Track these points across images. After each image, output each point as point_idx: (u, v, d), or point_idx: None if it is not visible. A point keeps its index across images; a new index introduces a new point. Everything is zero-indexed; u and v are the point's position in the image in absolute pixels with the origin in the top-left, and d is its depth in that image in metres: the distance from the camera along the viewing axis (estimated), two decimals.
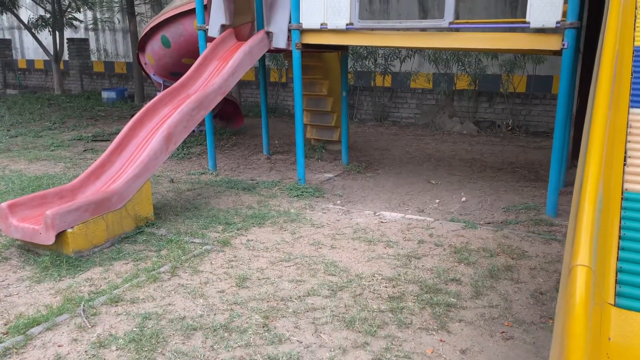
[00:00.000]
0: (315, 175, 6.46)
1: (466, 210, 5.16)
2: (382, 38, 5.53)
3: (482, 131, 9.59)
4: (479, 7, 10.28)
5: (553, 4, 4.51)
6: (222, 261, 3.88)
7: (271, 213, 4.95)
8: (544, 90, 9.40)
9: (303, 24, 5.55)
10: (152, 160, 4.56)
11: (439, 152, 7.90)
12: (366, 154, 7.74)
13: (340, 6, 5.33)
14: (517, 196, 5.55)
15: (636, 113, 2.81)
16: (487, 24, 6.24)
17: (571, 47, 4.53)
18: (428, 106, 10.40)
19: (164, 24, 7.67)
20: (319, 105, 7.38)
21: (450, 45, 5.38)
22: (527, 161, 7.24)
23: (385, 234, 4.44)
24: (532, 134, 9.27)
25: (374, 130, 9.82)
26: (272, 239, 4.30)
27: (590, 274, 1.85)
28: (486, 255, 3.92)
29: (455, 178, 6.38)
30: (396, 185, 6.09)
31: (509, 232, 4.44)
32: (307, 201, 5.39)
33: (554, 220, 4.70)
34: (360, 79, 10.95)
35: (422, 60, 10.63)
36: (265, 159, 7.28)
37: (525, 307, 3.15)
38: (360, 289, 3.39)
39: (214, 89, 5.18)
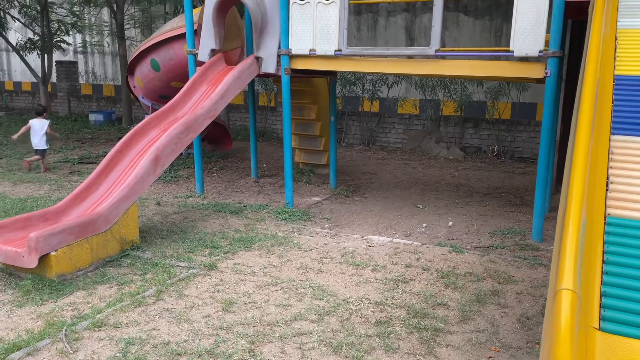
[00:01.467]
0: (303, 199, 6.47)
1: (453, 234, 5.18)
2: (369, 64, 5.62)
3: (469, 156, 9.71)
4: (464, 36, 10.54)
5: (536, 33, 4.64)
6: (208, 285, 3.84)
7: (258, 236, 4.93)
8: (528, 117, 9.58)
9: (292, 50, 5.64)
10: (138, 182, 4.54)
11: (426, 176, 7.97)
12: (354, 178, 7.77)
13: (329, 33, 5.43)
14: (503, 221, 5.60)
15: (617, 140, 2.88)
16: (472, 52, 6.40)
17: (554, 75, 4.65)
18: (415, 131, 10.53)
19: (154, 48, 7.73)
20: (308, 129, 7.44)
21: (437, 72, 5.49)
22: (513, 186, 7.33)
23: (373, 258, 4.43)
24: (517, 160, 9.41)
25: (361, 155, 9.89)
26: (259, 263, 4.27)
27: (575, 298, 1.87)
28: (473, 280, 3.93)
29: (442, 203, 6.43)
30: (384, 209, 6.11)
31: (495, 256, 4.46)
32: (294, 225, 5.38)
33: (539, 245, 4.74)
34: (349, 104, 11.08)
35: (409, 87, 10.81)
36: (253, 182, 7.28)
37: (512, 331, 3.15)
38: (347, 314, 3.37)
39: (203, 112, 5.21)
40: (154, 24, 14.07)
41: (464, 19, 10.56)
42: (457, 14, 10.59)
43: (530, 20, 4.63)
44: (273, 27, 5.71)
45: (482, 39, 10.41)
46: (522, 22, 4.66)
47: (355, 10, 11.50)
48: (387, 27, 11.40)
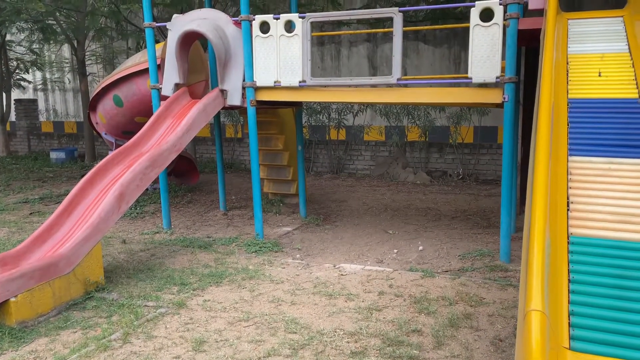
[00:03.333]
0: (274, 230, 6.41)
1: (424, 259, 5.21)
2: (334, 94, 5.71)
3: (435, 181, 9.88)
4: (425, 64, 10.86)
5: (492, 61, 4.82)
6: (177, 324, 3.72)
7: (229, 271, 4.83)
8: (490, 140, 9.86)
9: (257, 82, 5.67)
10: (103, 221, 4.41)
11: (394, 202, 8.04)
12: (324, 206, 7.77)
13: (293, 64, 5.50)
14: (472, 243, 5.68)
15: (575, 160, 2.98)
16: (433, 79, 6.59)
17: (511, 99, 4.82)
18: (382, 158, 10.67)
19: (117, 84, 7.65)
20: (275, 159, 7.44)
21: (400, 99, 5.62)
22: (479, 208, 7.47)
23: (346, 286, 4.40)
24: (482, 182, 9.62)
25: (330, 183, 9.92)
26: (230, 298, 4.18)
27: (544, 318, 1.89)
28: (445, 304, 3.94)
29: (412, 227, 6.48)
30: (355, 236, 6.11)
31: (466, 279, 4.50)
32: (265, 257, 5.31)
33: (508, 266, 4.81)
34: (316, 133, 11.17)
35: (374, 114, 11.00)
36: (222, 215, 7.18)
37: (486, 355, 3.15)
38: (322, 346, 3.31)
39: (168, 146, 5.15)
40: (116, 60, 13.97)
41: (424, 48, 10.90)
42: (417, 43, 10.93)
43: (486, 48, 4.82)
44: (237, 60, 5.75)
45: (442, 67, 10.75)
46: (478, 50, 4.84)
47: (319, 41, 11.73)
48: (350, 57, 11.65)
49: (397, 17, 5.01)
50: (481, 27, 4.82)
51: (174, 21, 5.93)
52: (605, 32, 4.09)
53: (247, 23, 5.57)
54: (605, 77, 3.60)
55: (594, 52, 3.88)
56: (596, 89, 3.49)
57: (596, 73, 3.67)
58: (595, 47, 3.93)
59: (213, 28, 5.68)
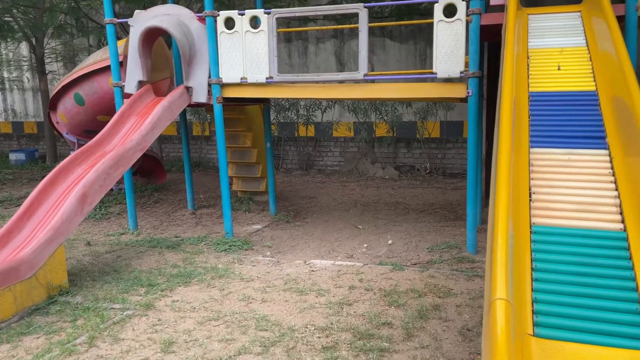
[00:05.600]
0: (243, 228, 6.36)
1: (393, 252, 5.26)
2: (301, 90, 5.69)
3: (403, 175, 9.99)
4: (391, 60, 10.93)
5: (456, 56, 4.90)
6: (145, 326, 3.65)
7: (198, 270, 4.77)
8: (456, 134, 10.03)
9: (223, 79, 5.60)
10: (65, 223, 4.28)
11: (364, 197, 8.09)
12: (294, 203, 7.76)
13: (259, 61, 5.46)
14: (440, 236, 5.77)
15: (536, 152, 3.06)
16: (399, 75, 6.64)
17: (475, 94, 4.91)
18: (351, 154, 10.72)
19: (77, 82, 7.43)
20: (244, 157, 7.38)
21: (367, 95, 5.65)
22: (446, 202, 7.59)
23: (317, 282, 4.40)
24: (448, 176, 9.78)
25: (300, 179, 9.91)
26: (200, 298, 4.12)
27: (509, 306, 1.93)
28: (415, 296, 3.99)
29: (381, 222, 6.54)
30: (325, 232, 6.12)
31: (434, 271, 4.57)
32: (235, 255, 5.26)
33: (474, 257, 4.91)
34: (284, 130, 11.13)
35: (342, 110, 11.02)
36: (190, 214, 7.08)
37: (455, 344, 3.21)
38: (293, 342, 3.31)
39: (133, 145, 5.04)
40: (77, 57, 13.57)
41: (390, 44, 10.97)
42: (384, 39, 11.00)
43: (450, 43, 4.89)
44: (202, 57, 5.66)
45: (409, 63, 10.85)
46: (442, 45, 4.91)
47: (286, 38, 11.67)
48: (318, 53, 11.63)
49: (363, 12, 5.02)
50: (445, 23, 4.89)
51: (136, 17, 5.80)
52: (563, 27, 4.21)
53: (212, 19, 5.49)
54: (564, 70, 3.70)
55: (554, 46, 3.98)
56: (556, 83, 3.59)
57: (556, 67, 3.77)
58: (555, 42, 4.03)
59: (177, 24, 5.57)
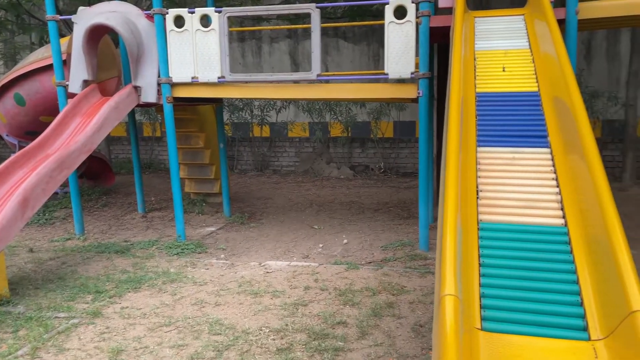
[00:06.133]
0: (197, 230, 6.23)
1: (348, 252, 5.29)
2: (255, 90, 5.64)
3: (358, 175, 10.09)
4: (345, 61, 11.01)
5: (406, 57, 4.98)
6: (92, 335, 3.51)
7: (148, 275, 4.63)
8: (408, 134, 10.21)
9: (173, 78, 5.47)
10: (4, 229, 4.06)
11: (319, 197, 8.11)
12: (249, 204, 7.68)
13: (211, 60, 5.36)
14: (394, 234, 5.85)
15: (483, 151, 3.15)
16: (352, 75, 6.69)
17: (425, 95, 5.01)
18: (306, 154, 10.72)
19: (17, 81, 7.07)
20: (196, 158, 7.23)
21: (320, 95, 5.65)
22: (400, 200, 7.71)
23: (272, 284, 4.37)
24: (402, 175, 9.95)
25: (255, 180, 9.83)
26: (150, 303, 4.00)
27: (457, 302, 1.97)
28: (369, 295, 4.02)
29: (337, 221, 6.57)
30: (280, 233, 6.09)
31: (388, 269, 4.62)
32: (188, 258, 5.15)
33: (427, 254, 5.00)
34: (238, 130, 11.00)
35: (297, 111, 11.01)
36: (140, 217, 6.87)
37: (407, 341, 3.26)
38: (247, 345, 3.26)
39: (78, 147, 4.84)
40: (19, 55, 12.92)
41: (344, 45, 11.05)
42: (337, 40, 11.06)
43: (400, 45, 4.97)
44: (151, 55, 5.51)
45: (362, 63, 10.96)
46: (393, 47, 4.98)
47: (239, 37, 11.54)
48: (272, 53, 11.57)
49: (315, 13, 5.03)
50: (395, 24, 4.96)
51: (80, 14, 5.57)
52: (508, 30, 4.35)
53: (160, 17, 5.35)
54: (508, 72, 3.83)
55: (499, 48, 4.11)
56: (501, 83, 3.71)
57: (501, 68, 3.89)
58: (500, 44, 4.17)
59: (123, 22, 5.40)
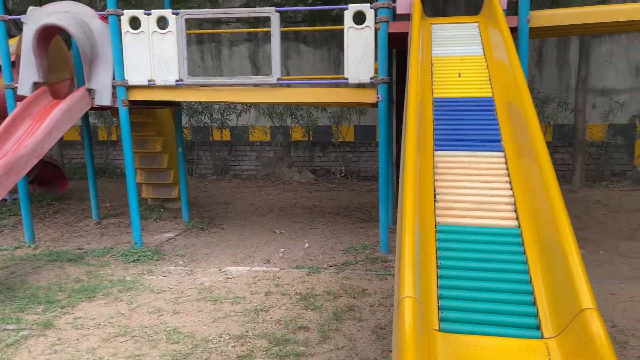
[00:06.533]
0: (154, 237, 6.08)
1: (310, 256, 5.29)
2: (214, 94, 5.56)
3: (319, 179, 10.11)
4: (306, 65, 11.03)
5: (366, 62, 5.04)
6: (43, 347, 3.36)
7: (103, 284, 4.48)
8: (369, 138, 10.32)
9: (129, 80, 5.33)
10: None
11: (281, 201, 8.07)
12: (209, 209, 7.56)
13: (168, 62, 5.26)
14: (355, 237, 5.89)
15: (440, 155, 3.21)
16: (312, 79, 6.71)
17: (385, 99, 5.07)
18: (267, 158, 10.66)
19: None
20: (154, 162, 7.07)
21: (281, 99, 5.64)
22: (361, 204, 7.77)
23: (232, 290, 4.31)
24: (363, 179, 10.04)
25: (215, 185, 9.69)
26: (105, 313, 3.87)
27: (416, 304, 1.99)
28: (330, 299, 4.03)
29: (298, 225, 6.55)
30: (241, 238, 6.02)
31: (349, 272, 4.65)
32: (145, 266, 5.01)
33: (387, 257, 5.06)
34: (198, 134, 10.83)
35: (258, 115, 10.94)
36: (95, 224, 6.65)
37: (368, 344, 3.28)
38: (206, 354, 3.20)
39: (27, 151, 4.64)
40: None
41: (304, 49, 11.07)
42: (298, 44, 11.07)
43: (360, 50, 5.02)
44: (105, 57, 5.35)
45: (323, 68, 11.01)
46: (353, 52, 5.03)
47: (198, 40, 11.38)
48: (232, 57, 11.46)
49: (274, 16, 5.01)
50: (355, 30, 5.01)
51: (30, 14, 5.35)
52: (463, 37, 4.47)
53: (115, 18, 5.20)
54: (464, 77, 3.93)
55: (455, 54, 4.21)
56: (457, 89, 3.80)
57: (457, 74, 3.99)
58: (456, 50, 4.27)
59: (76, 22, 5.22)
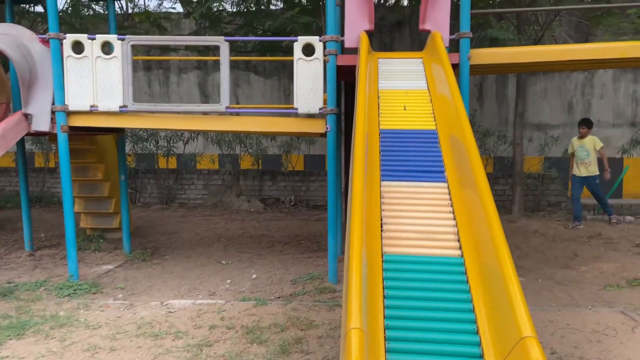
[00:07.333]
0: (92, 269, 5.78)
1: (257, 287, 5.18)
2: (160, 121, 5.45)
3: (268, 208, 10.03)
4: (256, 94, 11.08)
5: (315, 93, 5.11)
6: None
7: (34, 320, 4.18)
8: (318, 167, 10.40)
9: (69, 106, 5.14)
10: None
11: (228, 231, 7.92)
12: (152, 239, 7.30)
13: (112, 88, 5.12)
14: (303, 267, 5.83)
15: (386, 185, 3.25)
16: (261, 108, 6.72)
17: (333, 129, 5.13)
18: (215, 186, 10.49)
19: None
20: (94, 190, 6.78)
21: (230, 128, 5.60)
22: (310, 233, 7.75)
23: (174, 324, 4.13)
24: (312, 208, 10.05)
25: (159, 214, 9.40)
26: (35, 352, 3.60)
27: (362, 335, 1.97)
28: (277, 331, 3.93)
29: (246, 256, 6.43)
30: (186, 269, 5.83)
31: (297, 304, 4.57)
32: (81, 300, 4.73)
33: (336, 287, 5.03)
34: (142, 161, 10.54)
35: (206, 142, 10.81)
36: (27, 255, 6.25)
37: None
38: None
39: None
40: None
41: (255, 78, 11.13)
42: (249, 73, 11.13)
43: (309, 81, 5.09)
44: (45, 81, 5.15)
45: (273, 97, 11.09)
46: (302, 82, 5.09)
47: (145, 66, 11.21)
48: (180, 84, 11.35)
49: (224, 45, 5.01)
50: (304, 61, 5.09)
51: None
52: (408, 71, 4.62)
53: (57, 42, 5.04)
54: (409, 110, 4.04)
55: (400, 88, 4.34)
56: (402, 121, 3.90)
57: (402, 107, 4.10)
58: (401, 84, 4.40)
59: (15, 45, 5.02)
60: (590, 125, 7.84)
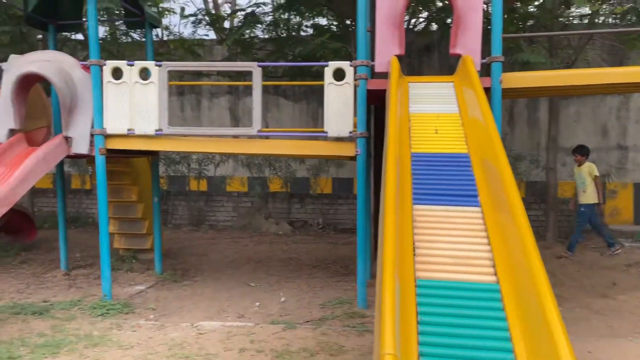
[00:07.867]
0: (125, 289, 5.87)
1: (286, 310, 5.16)
2: (193, 144, 5.57)
3: (297, 231, 10.04)
4: (285, 118, 11.22)
5: (345, 116, 5.15)
6: None
7: (69, 338, 4.26)
8: (346, 191, 10.40)
9: (107, 129, 5.31)
10: None
11: (257, 253, 7.95)
12: (182, 261, 7.38)
13: (149, 112, 5.28)
14: (332, 291, 5.79)
15: (418, 209, 3.23)
16: (292, 132, 6.80)
17: (363, 153, 5.15)
18: (244, 209, 10.59)
19: None
20: (128, 212, 6.94)
21: (260, 151, 5.68)
22: (339, 256, 7.71)
23: (204, 346, 4.14)
24: (340, 231, 10.01)
25: (190, 236, 9.52)
26: None
27: None
28: (307, 356, 3.90)
29: (274, 278, 6.43)
30: (215, 291, 5.86)
31: (326, 328, 4.53)
32: (114, 320, 4.81)
33: (365, 312, 4.97)
34: (174, 184, 10.75)
35: (236, 165, 10.97)
36: (63, 275, 6.41)
37: None
38: None
39: None
40: None
41: (284, 103, 11.30)
42: (278, 98, 11.30)
43: (339, 105, 5.14)
44: (85, 106, 5.35)
45: (302, 121, 11.21)
46: (332, 106, 5.15)
47: (178, 91, 11.52)
48: (211, 108, 11.60)
49: (256, 71, 5.13)
50: (335, 86, 5.15)
51: (11, 62, 5.37)
52: (439, 95, 4.62)
53: (97, 68, 5.24)
54: (441, 134, 4.03)
55: (431, 112, 4.33)
56: (434, 145, 3.88)
57: (433, 130, 4.09)
58: (432, 108, 4.39)
59: (57, 71, 5.25)
60: (585, 152, 7.52)
